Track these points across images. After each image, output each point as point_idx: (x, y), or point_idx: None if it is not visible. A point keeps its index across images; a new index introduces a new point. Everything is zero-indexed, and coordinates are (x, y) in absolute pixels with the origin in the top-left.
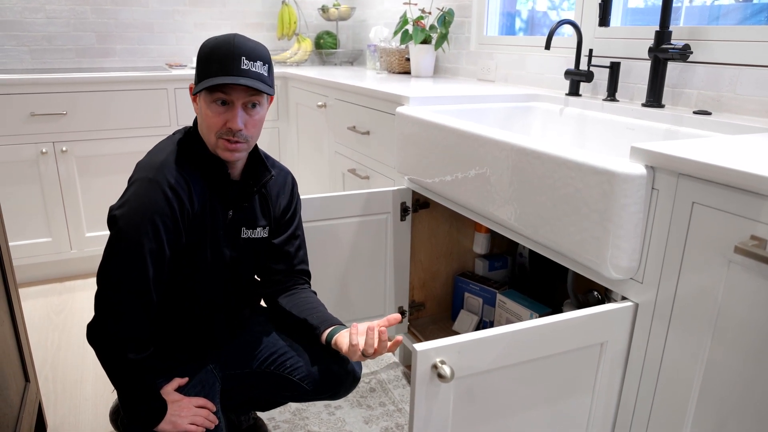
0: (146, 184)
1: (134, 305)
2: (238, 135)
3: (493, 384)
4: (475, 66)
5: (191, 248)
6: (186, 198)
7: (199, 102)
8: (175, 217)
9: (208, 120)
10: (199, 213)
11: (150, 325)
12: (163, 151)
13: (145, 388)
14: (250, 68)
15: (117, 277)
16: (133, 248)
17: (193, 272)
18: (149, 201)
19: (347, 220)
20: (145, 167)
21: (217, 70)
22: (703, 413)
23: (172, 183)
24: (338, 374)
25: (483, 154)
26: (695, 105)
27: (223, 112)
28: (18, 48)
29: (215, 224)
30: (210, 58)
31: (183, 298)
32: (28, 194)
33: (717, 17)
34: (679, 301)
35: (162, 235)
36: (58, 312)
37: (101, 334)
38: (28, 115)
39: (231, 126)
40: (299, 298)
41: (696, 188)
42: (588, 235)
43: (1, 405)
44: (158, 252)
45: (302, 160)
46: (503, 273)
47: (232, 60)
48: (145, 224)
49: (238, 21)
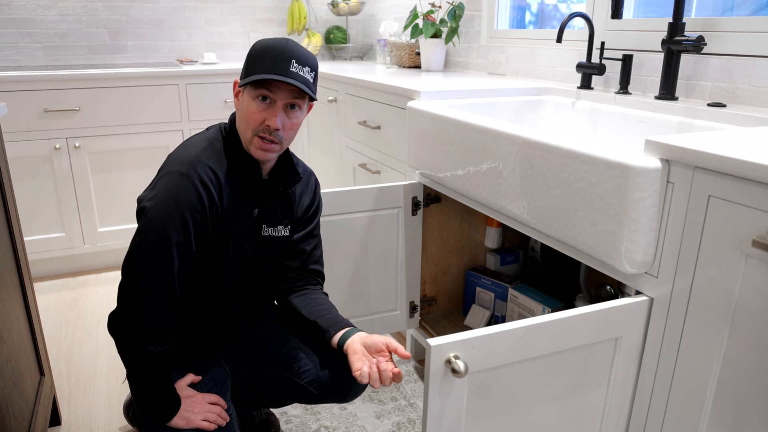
0: (178, 178)
1: (157, 297)
2: (274, 134)
3: (506, 379)
4: (485, 60)
5: (215, 243)
6: (216, 194)
7: (242, 97)
8: (204, 213)
9: (248, 115)
10: (227, 210)
11: (172, 318)
12: (197, 146)
13: (160, 382)
14: (298, 71)
15: (142, 268)
16: (160, 240)
17: (215, 267)
18: (180, 194)
19: (358, 214)
20: (178, 160)
21: (267, 68)
22: (719, 408)
23: (204, 178)
24: (346, 380)
25: (495, 148)
26: (709, 97)
27: (264, 109)
28: (32, 45)
29: (240, 221)
30: (261, 55)
31: (203, 292)
32: (41, 189)
33: (731, 8)
34: (695, 295)
35: (190, 230)
36: (72, 306)
37: (123, 325)
38: (42, 112)
39: (270, 124)
40: (310, 298)
41: (712, 181)
42: (602, 229)
43: (17, 398)
44: (185, 246)
45: (313, 155)
46: (515, 267)
47: (282, 61)
48: (174, 217)
49: (248, 16)
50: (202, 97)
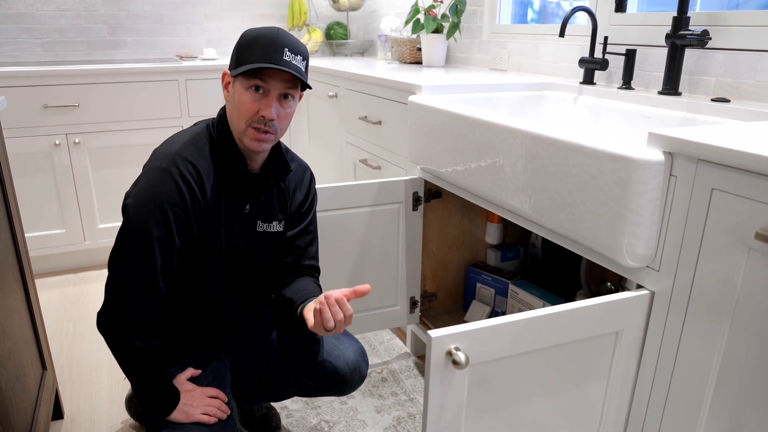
0: (159, 173)
1: (141, 293)
2: (269, 125)
3: (507, 371)
4: (487, 55)
5: (205, 239)
6: (198, 189)
7: (233, 88)
8: (186, 208)
9: (241, 106)
10: (213, 205)
11: (158, 314)
12: (179, 141)
13: (154, 377)
14: (291, 60)
15: (125, 265)
16: (141, 236)
17: (207, 263)
18: (160, 190)
19: (359, 209)
20: (160, 156)
21: (259, 57)
22: (719, 403)
23: (184, 173)
24: (343, 373)
25: (497, 142)
26: (713, 92)
27: (257, 100)
28: (30, 41)
29: (231, 216)
30: (253, 44)
31: (196, 288)
32: (42, 186)
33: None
34: (696, 289)
35: (172, 225)
36: (73, 302)
37: (109, 321)
38: (41, 108)
39: (264, 114)
40: (297, 284)
41: (715, 174)
42: (604, 223)
43: (20, 392)
44: (167, 241)
45: (313, 150)
46: (515, 263)
47: (275, 49)
48: (154, 213)
49: (248, 12)
50: (202, 92)
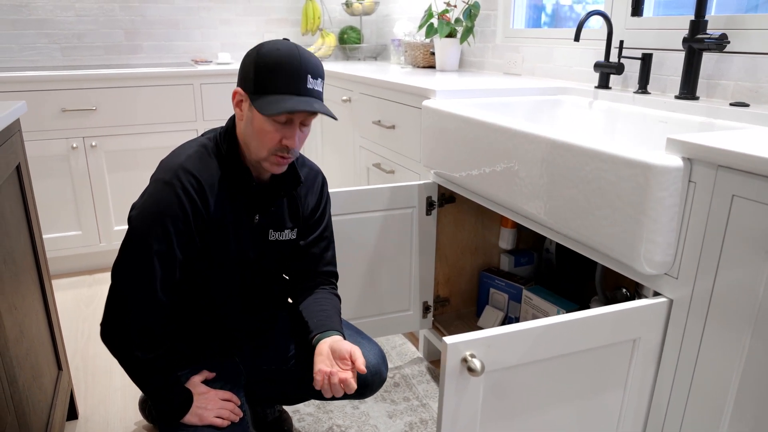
0: (161, 186)
1: (140, 305)
2: (291, 152)
3: (522, 379)
4: (501, 59)
5: (212, 249)
6: (200, 201)
7: (250, 112)
8: (187, 221)
9: (264, 135)
10: (218, 217)
11: (161, 323)
12: (184, 153)
13: (163, 384)
14: (314, 87)
15: (125, 277)
16: (141, 249)
17: (217, 272)
18: (162, 203)
19: (372, 214)
20: (164, 168)
21: (284, 87)
22: (740, 413)
23: (186, 186)
24: (364, 376)
25: (512, 147)
26: (732, 97)
27: (280, 129)
28: (49, 45)
29: (239, 227)
30: (275, 70)
31: (206, 296)
32: (59, 188)
33: (756, 6)
34: (716, 297)
35: (172, 238)
36: (88, 303)
37: (112, 332)
38: (59, 111)
39: (288, 144)
40: (314, 298)
41: (736, 180)
42: (621, 229)
43: (36, 391)
44: (167, 254)
45: (326, 155)
46: (529, 269)
47: (299, 78)
48: (155, 227)
49: (262, 17)
50: (217, 97)
